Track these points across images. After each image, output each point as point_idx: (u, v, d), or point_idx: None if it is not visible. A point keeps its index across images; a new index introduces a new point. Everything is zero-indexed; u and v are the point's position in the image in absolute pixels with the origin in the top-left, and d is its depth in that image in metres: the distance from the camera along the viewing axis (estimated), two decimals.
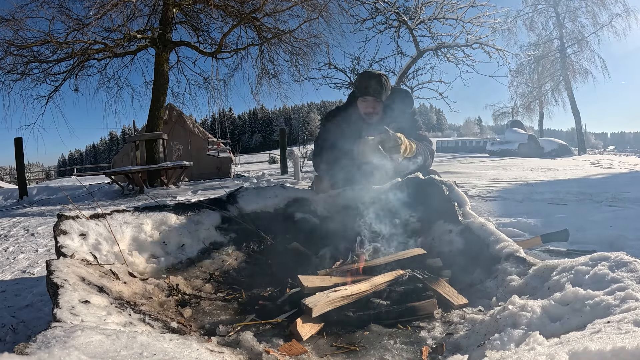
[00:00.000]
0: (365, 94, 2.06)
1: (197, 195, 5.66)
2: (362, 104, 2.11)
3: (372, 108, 2.09)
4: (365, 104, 2.10)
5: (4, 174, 29.11)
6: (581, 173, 6.86)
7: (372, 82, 2.03)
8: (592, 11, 16.31)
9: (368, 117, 2.11)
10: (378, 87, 2.04)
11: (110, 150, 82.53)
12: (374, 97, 2.06)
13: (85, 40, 7.09)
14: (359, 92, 2.09)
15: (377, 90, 2.04)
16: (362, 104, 2.11)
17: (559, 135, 32.55)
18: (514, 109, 20.92)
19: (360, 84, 2.07)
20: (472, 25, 9.45)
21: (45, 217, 4.47)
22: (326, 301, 1.05)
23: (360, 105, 2.12)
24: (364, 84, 2.05)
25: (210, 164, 10.87)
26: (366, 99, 2.08)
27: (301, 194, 1.89)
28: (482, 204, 3.52)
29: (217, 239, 1.64)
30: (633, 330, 0.65)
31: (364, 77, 2.07)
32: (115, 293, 1.06)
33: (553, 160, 11.66)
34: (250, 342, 0.94)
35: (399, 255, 1.40)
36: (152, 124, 7.67)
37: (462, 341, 0.93)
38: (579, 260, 1.01)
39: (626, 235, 2.13)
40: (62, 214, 1.42)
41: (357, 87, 2.10)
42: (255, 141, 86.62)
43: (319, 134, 2.27)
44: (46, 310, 1.58)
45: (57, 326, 0.74)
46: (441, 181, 1.71)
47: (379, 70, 2.13)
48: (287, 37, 8.42)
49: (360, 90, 2.07)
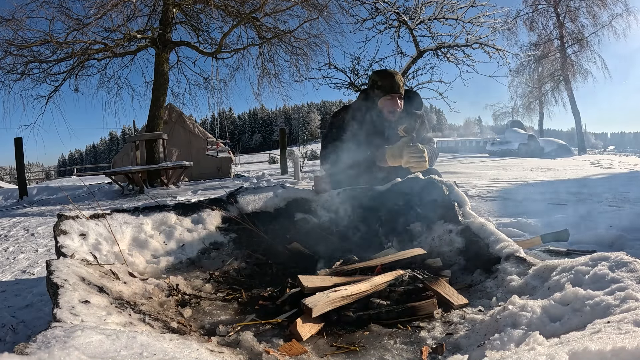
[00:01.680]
0: (392, 92, 2.09)
1: (197, 195, 5.66)
2: (387, 102, 2.13)
3: (399, 105, 2.13)
4: (392, 102, 2.12)
5: (4, 174, 29.10)
6: (581, 173, 6.86)
7: (396, 79, 2.09)
8: (592, 11, 16.32)
9: (391, 115, 2.14)
10: (401, 84, 2.11)
11: (110, 150, 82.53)
12: (400, 94, 2.11)
13: (85, 40, 7.09)
14: (384, 90, 2.11)
15: (401, 87, 2.10)
16: (388, 102, 2.13)
17: (559, 135, 32.54)
18: (514, 109, 20.94)
19: (386, 81, 2.10)
20: (472, 25, 9.45)
21: (45, 217, 4.47)
22: (326, 301, 1.05)
23: (385, 104, 2.14)
24: (389, 82, 2.09)
25: (210, 164, 10.87)
26: (393, 96, 2.11)
27: (301, 194, 1.89)
28: (482, 204, 3.52)
29: (217, 239, 1.64)
30: (633, 330, 0.65)
31: (388, 75, 2.12)
32: (115, 293, 1.06)
33: (553, 160, 11.66)
34: (250, 342, 0.94)
35: (399, 255, 1.40)
36: (152, 124, 7.67)
37: (462, 341, 0.93)
38: (579, 260, 1.01)
39: (626, 235, 2.13)
40: (62, 214, 1.42)
41: (382, 85, 2.11)
42: (255, 141, 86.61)
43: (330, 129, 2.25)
44: (46, 310, 1.58)
45: (57, 326, 0.74)
46: (441, 181, 1.71)
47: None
48: (288, 37, 8.42)
49: (386, 88, 2.09)
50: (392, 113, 2.13)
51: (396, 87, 2.09)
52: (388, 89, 2.09)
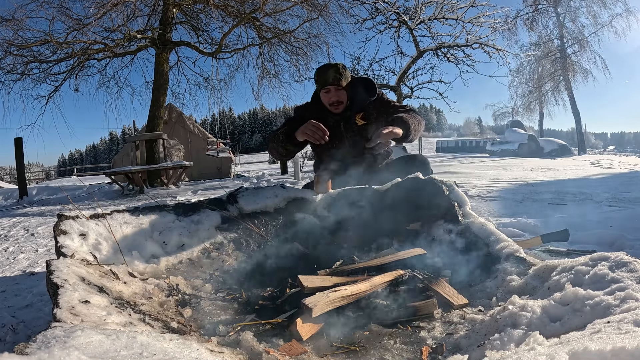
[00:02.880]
0: (324, 84, 2.09)
1: (197, 195, 5.66)
2: (325, 95, 2.14)
3: (335, 97, 2.11)
4: (329, 95, 2.12)
5: (4, 174, 29.11)
6: (581, 173, 6.87)
7: (329, 72, 2.07)
8: (592, 11, 16.34)
9: (333, 107, 2.14)
10: (337, 75, 2.07)
11: (110, 150, 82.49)
12: (335, 85, 2.08)
13: (85, 40, 7.10)
14: (319, 85, 2.12)
15: (336, 78, 2.07)
16: (325, 96, 2.13)
17: (559, 135, 32.53)
18: (514, 109, 20.96)
19: (319, 76, 2.10)
20: (472, 25, 9.47)
21: (45, 217, 4.47)
22: (326, 301, 1.05)
23: (323, 98, 2.15)
24: (323, 75, 2.09)
25: (211, 164, 10.87)
26: (328, 89, 2.10)
27: (301, 194, 1.89)
28: (482, 204, 3.52)
29: (217, 239, 1.64)
30: (633, 330, 0.65)
31: (321, 69, 2.12)
32: (115, 293, 1.06)
33: (553, 160, 11.66)
34: (250, 342, 0.94)
35: (399, 255, 1.40)
36: (152, 124, 7.67)
37: (462, 341, 0.93)
38: (579, 260, 1.01)
39: (626, 235, 2.13)
40: (62, 214, 1.42)
41: (317, 80, 2.12)
42: (255, 141, 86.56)
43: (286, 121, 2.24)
44: (46, 310, 1.58)
45: (57, 326, 0.74)
46: (441, 181, 1.71)
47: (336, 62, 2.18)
48: (288, 37, 8.43)
49: (320, 82, 2.10)
50: (333, 105, 2.13)
51: (330, 79, 2.06)
52: (321, 83, 2.10)
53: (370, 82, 2.21)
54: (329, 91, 2.12)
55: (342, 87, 2.11)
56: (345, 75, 2.11)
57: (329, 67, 2.10)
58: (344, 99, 2.14)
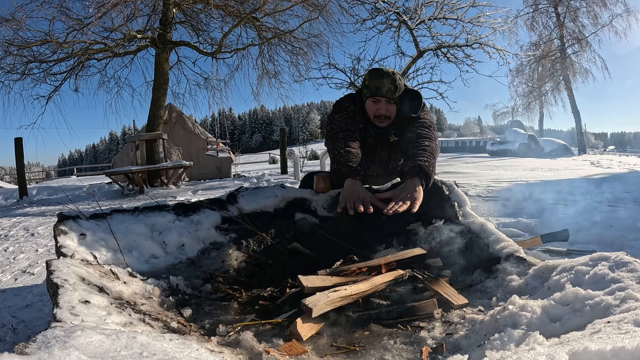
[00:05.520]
0: (376, 94, 1.83)
1: (197, 195, 5.66)
2: (372, 105, 1.88)
3: (384, 110, 1.86)
4: (377, 106, 1.87)
5: (4, 174, 29.12)
6: (581, 173, 6.87)
7: (385, 81, 1.81)
8: (592, 11, 16.34)
9: (378, 120, 1.89)
10: (391, 87, 1.81)
11: (110, 150, 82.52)
12: (387, 99, 1.84)
13: (85, 40, 7.10)
14: (369, 92, 1.85)
15: (391, 91, 1.81)
16: (373, 106, 1.88)
17: (559, 135, 32.50)
18: (514, 109, 20.96)
19: (371, 82, 1.84)
20: (472, 25, 9.47)
21: (45, 217, 4.47)
22: (326, 301, 1.05)
23: (369, 106, 1.89)
24: (376, 83, 1.82)
25: (211, 164, 10.88)
26: (378, 99, 1.85)
27: (301, 194, 1.89)
28: (482, 204, 3.52)
29: (217, 239, 1.63)
30: (633, 330, 0.65)
31: (376, 75, 1.84)
32: (115, 293, 1.06)
33: (553, 160, 11.66)
34: (250, 342, 0.94)
35: (399, 255, 1.40)
36: (152, 124, 7.67)
37: (462, 341, 0.93)
38: (579, 260, 1.01)
39: (626, 235, 2.13)
40: (62, 214, 1.42)
41: (367, 86, 1.86)
42: (255, 141, 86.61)
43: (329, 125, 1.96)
44: (46, 310, 1.58)
45: (57, 326, 0.74)
46: (441, 181, 1.71)
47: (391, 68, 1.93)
48: (288, 37, 8.44)
49: (371, 90, 1.84)
50: (379, 118, 1.88)
51: (384, 90, 1.81)
52: (373, 92, 1.83)
53: (418, 96, 1.91)
54: (378, 101, 1.86)
55: (394, 102, 1.86)
56: (400, 87, 1.84)
57: (385, 75, 1.82)
58: (392, 114, 1.88)
